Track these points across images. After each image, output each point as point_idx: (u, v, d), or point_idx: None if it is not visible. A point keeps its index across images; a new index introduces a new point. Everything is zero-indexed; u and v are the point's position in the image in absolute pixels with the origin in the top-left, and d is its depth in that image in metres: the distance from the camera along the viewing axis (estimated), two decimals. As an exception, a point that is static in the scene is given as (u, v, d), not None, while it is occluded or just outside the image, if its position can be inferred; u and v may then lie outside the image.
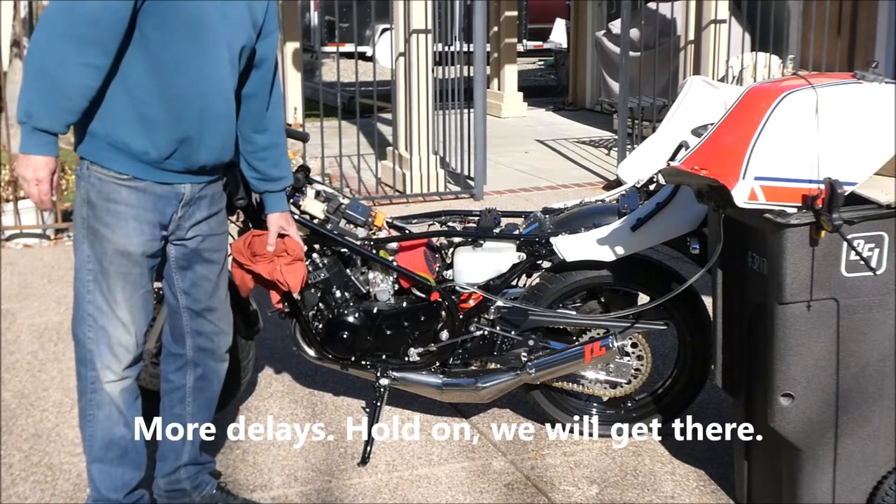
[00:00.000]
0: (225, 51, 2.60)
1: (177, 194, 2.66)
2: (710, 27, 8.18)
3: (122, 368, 2.70)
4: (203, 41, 2.53)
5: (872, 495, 2.68)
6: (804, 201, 2.48)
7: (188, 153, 2.61)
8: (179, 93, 2.53)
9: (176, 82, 2.53)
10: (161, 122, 2.54)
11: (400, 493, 3.19)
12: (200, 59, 2.54)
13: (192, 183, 2.69)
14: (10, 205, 6.26)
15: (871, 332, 2.59)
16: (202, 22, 2.52)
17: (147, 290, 2.70)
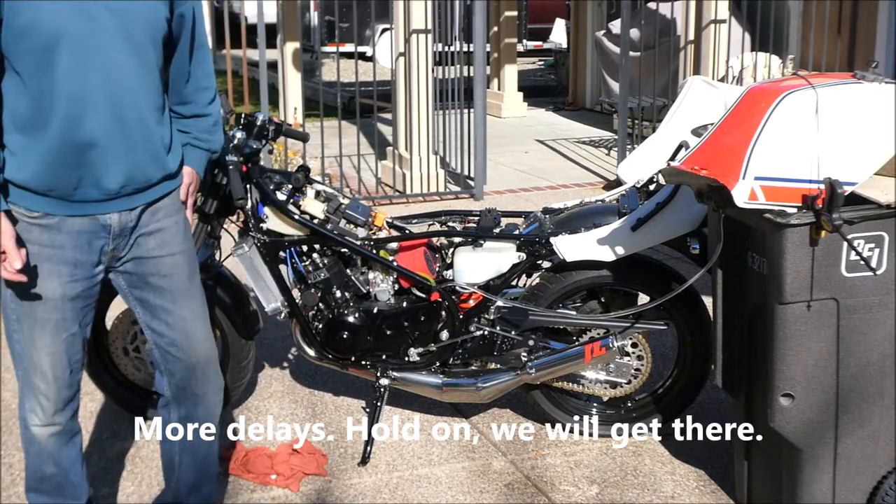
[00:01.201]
0: (123, 48, 2.30)
1: (103, 226, 2.39)
2: (710, 27, 8.18)
3: (46, 416, 2.49)
4: (81, 50, 2.24)
5: (872, 495, 2.68)
6: (804, 201, 2.48)
7: (96, 177, 2.32)
8: (65, 115, 2.26)
9: (56, 105, 2.25)
10: (53, 152, 2.28)
11: (400, 493, 3.19)
12: (82, 70, 2.25)
13: (119, 211, 2.40)
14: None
15: (871, 332, 2.59)
16: (67, 31, 2.22)
17: (72, 332, 2.44)
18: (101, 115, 2.29)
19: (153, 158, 2.43)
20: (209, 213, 3.38)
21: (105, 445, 3.51)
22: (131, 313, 3.56)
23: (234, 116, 3.44)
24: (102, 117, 2.29)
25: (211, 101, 2.64)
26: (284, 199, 3.34)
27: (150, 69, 2.38)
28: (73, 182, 2.32)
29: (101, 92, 2.28)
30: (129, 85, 2.33)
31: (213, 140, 2.68)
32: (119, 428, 3.64)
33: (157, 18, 2.39)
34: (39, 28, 2.20)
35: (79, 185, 2.33)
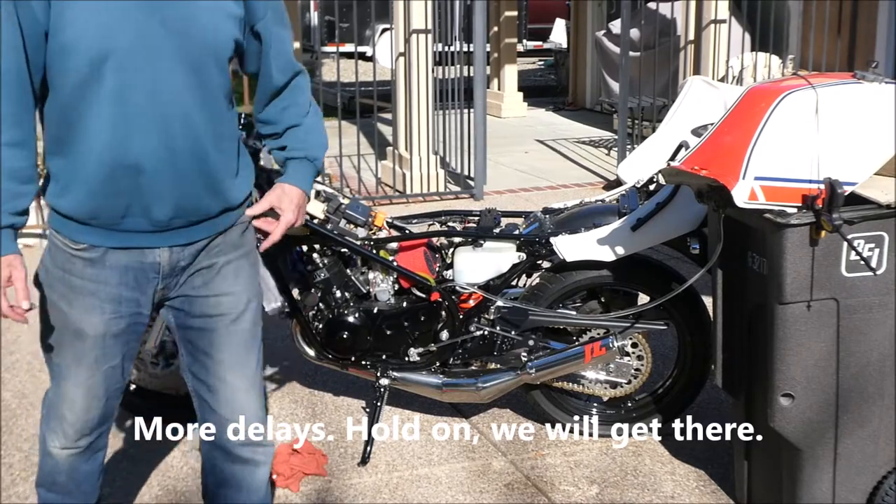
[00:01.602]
0: (178, 69, 2.08)
1: (152, 264, 2.19)
2: (710, 27, 8.18)
3: (68, 441, 2.34)
4: (128, 69, 2.04)
5: (872, 495, 2.68)
6: (804, 201, 2.48)
7: (144, 206, 2.12)
8: (108, 137, 2.07)
9: (98, 127, 2.06)
10: (95, 176, 2.09)
11: (400, 493, 3.19)
12: (128, 91, 2.05)
13: (170, 247, 2.19)
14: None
15: (871, 332, 2.59)
16: (114, 49, 2.03)
17: (112, 365, 2.26)
18: (148, 139, 2.08)
19: (209, 188, 2.18)
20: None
21: (105, 445, 3.51)
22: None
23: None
24: (149, 141, 2.08)
25: (305, 114, 2.43)
26: (284, 199, 3.34)
27: (209, 91, 2.15)
28: (119, 210, 2.12)
29: (148, 114, 2.07)
30: (182, 108, 2.10)
31: (312, 144, 2.42)
32: (119, 428, 3.64)
33: (221, 38, 2.17)
34: (85, 46, 2.02)
35: (126, 213, 2.12)
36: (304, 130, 2.41)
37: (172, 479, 3.28)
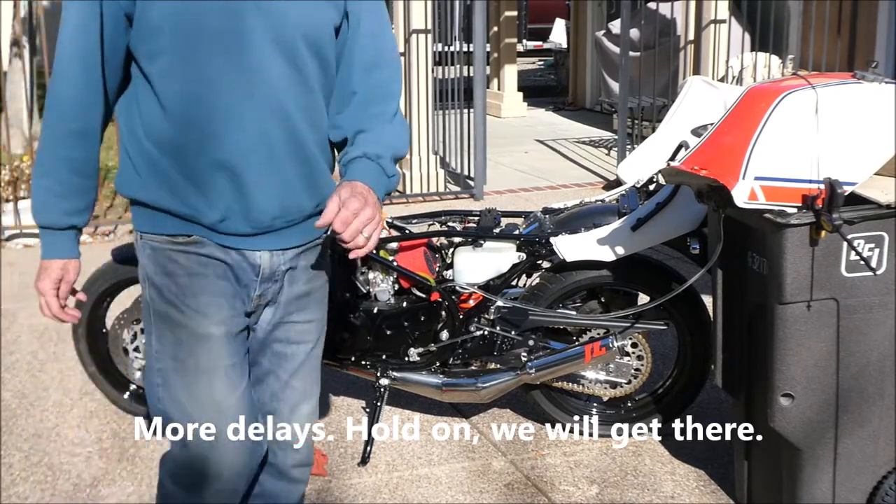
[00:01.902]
0: (273, 53, 1.89)
1: (252, 265, 2.00)
2: (710, 27, 8.18)
3: None
4: (223, 53, 1.87)
5: (872, 495, 2.68)
6: (804, 201, 2.48)
7: (244, 206, 1.93)
8: (204, 128, 1.89)
9: (192, 117, 1.89)
10: (192, 171, 1.92)
11: (400, 493, 3.19)
12: (223, 77, 1.88)
13: (270, 250, 2.01)
14: (10, 205, 6.26)
15: (871, 332, 2.59)
16: (207, 29, 1.85)
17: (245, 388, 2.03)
18: (247, 131, 1.90)
19: (307, 183, 2.00)
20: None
21: (105, 445, 3.51)
22: (131, 313, 3.58)
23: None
24: (249, 133, 1.90)
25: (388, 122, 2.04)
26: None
27: (306, 82, 1.95)
28: (217, 211, 1.93)
29: (247, 103, 1.89)
30: (280, 96, 1.91)
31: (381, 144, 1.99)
32: (119, 428, 3.64)
33: (319, 22, 1.95)
34: (176, 25, 1.84)
35: (225, 215, 1.94)
36: (376, 133, 2.01)
37: (172, 479, 3.28)
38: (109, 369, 3.68)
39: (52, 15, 8.15)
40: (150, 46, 1.87)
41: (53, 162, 1.94)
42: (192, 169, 1.91)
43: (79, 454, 3.45)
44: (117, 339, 3.61)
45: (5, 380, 4.09)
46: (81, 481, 3.27)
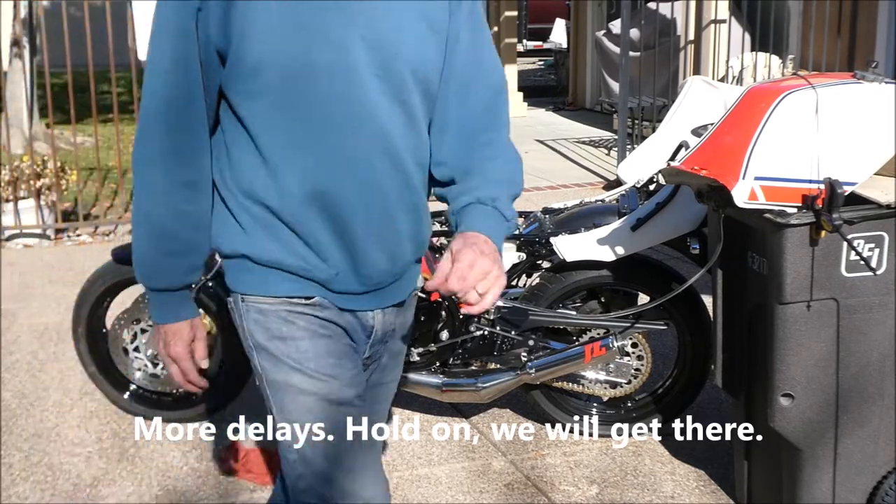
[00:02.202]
0: (379, 89, 1.68)
1: (364, 327, 1.83)
2: (710, 27, 8.18)
3: None
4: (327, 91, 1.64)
5: (872, 495, 2.68)
6: (804, 201, 2.48)
7: (355, 261, 1.74)
8: (308, 176, 1.68)
9: (295, 163, 1.68)
10: (296, 223, 1.70)
11: (400, 493, 3.19)
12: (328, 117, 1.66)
13: (382, 308, 1.83)
14: (10, 205, 6.26)
15: (871, 332, 2.59)
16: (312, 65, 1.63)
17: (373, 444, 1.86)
18: (357, 177, 1.69)
19: (414, 232, 1.81)
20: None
21: (105, 445, 3.52)
22: (131, 313, 3.58)
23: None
24: (358, 179, 1.70)
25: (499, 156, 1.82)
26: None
27: (414, 122, 1.74)
28: (330, 265, 1.73)
29: (356, 145, 1.68)
30: (389, 137, 1.70)
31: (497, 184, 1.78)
32: (119, 428, 3.64)
33: (428, 57, 1.75)
34: (276, 61, 1.62)
35: (338, 272, 1.74)
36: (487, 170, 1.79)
37: (172, 479, 3.28)
38: (109, 369, 3.68)
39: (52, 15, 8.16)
40: (247, 86, 1.65)
41: (168, 219, 1.72)
42: (297, 221, 1.70)
43: (79, 454, 3.45)
44: (117, 339, 3.61)
45: (5, 380, 4.09)
46: (81, 481, 3.27)
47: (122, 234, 6.49)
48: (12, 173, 6.26)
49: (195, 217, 1.74)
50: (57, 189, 6.33)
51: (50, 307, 5.03)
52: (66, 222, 6.46)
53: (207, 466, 3.35)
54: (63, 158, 7.06)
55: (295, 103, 1.66)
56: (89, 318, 3.65)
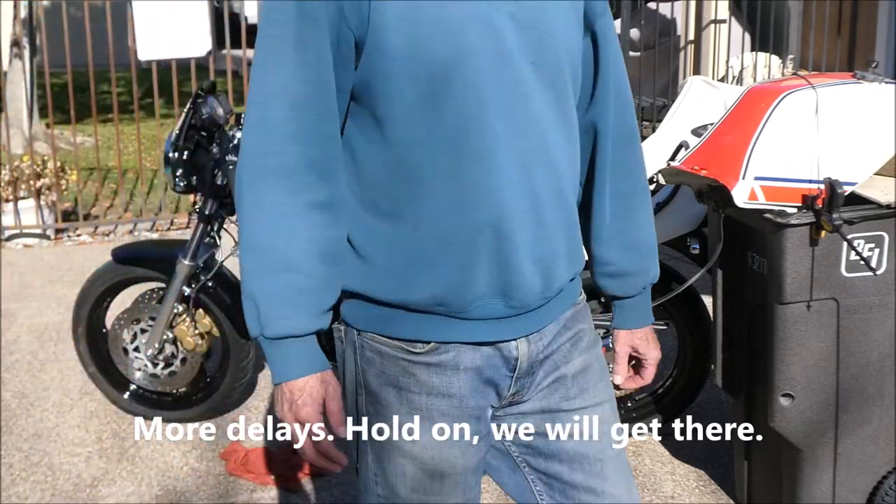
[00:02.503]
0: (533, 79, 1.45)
1: (506, 360, 1.55)
2: (710, 27, 8.18)
3: None
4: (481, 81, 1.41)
5: (872, 495, 2.68)
6: (804, 201, 2.48)
7: (504, 281, 1.47)
8: (457, 181, 1.43)
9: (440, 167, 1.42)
10: (440, 240, 1.45)
11: (400, 493, 3.19)
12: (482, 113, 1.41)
13: (527, 335, 1.56)
14: (10, 205, 6.26)
15: (871, 332, 2.59)
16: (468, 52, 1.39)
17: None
18: (514, 181, 1.44)
19: (569, 249, 1.57)
20: (209, 214, 3.38)
21: (105, 445, 3.51)
22: (131, 313, 3.58)
23: (234, 116, 3.45)
24: (515, 184, 1.45)
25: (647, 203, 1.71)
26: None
27: (569, 121, 1.54)
28: (474, 287, 1.46)
29: (512, 144, 1.44)
30: (546, 137, 1.48)
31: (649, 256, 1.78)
32: (119, 428, 3.64)
33: (577, 44, 1.54)
34: (429, 49, 1.38)
35: (482, 294, 1.47)
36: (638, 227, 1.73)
37: (172, 479, 3.28)
38: (109, 369, 3.68)
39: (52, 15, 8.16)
40: (390, 80, 1.40)
41: (296, 249, 1.42)
42: (440, 233, 1.44)
43: (79, 454, 3.45)
44: (117, 339, 3.61)
45: (5, 380, 4.09)
46: (81, 481, 3.27)
47: (122, 234, 6.50)
48: (12, 173, 6.26)
49: (329, 246, 1.44)
50: (57, 189, 6.33)
51: (50, 307, 5.03)
52: (66, 222, 6.46)
53: (207, 466, 3.35)
54: (63, 158, 7.06)
55: (442, 99, 1.40)
56: (89, 318, 3.66)
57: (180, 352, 3.55)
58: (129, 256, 3.63)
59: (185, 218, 6.70)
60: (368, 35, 1.38)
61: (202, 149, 3.37)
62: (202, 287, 3.45)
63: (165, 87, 7.57)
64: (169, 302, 3.45)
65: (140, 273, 3.60)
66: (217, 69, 6.72)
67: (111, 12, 6.25)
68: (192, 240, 3.42)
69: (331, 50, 1.40)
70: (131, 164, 8.10)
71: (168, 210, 6.85)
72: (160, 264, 3.53)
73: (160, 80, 6.56)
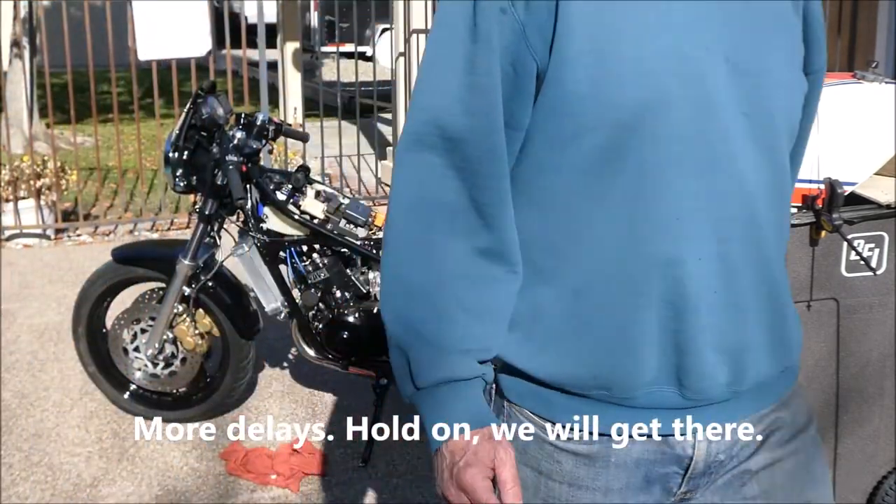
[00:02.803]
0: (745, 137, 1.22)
1: (677, 457, 1.31)
2: (710, 27, 8.18)
3: None
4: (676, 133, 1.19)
5: (872, 495, 2.68)
6: (804, 201, 2.48)
7: (683, 364, 1.25)
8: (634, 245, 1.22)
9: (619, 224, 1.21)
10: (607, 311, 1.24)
11: (400, 494, 3.19)
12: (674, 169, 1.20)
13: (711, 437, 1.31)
14: (9, 205, 6.26)
15: (871, 332, 2.59)
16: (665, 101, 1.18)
17: None
18: (705, 254, 1.22)
19: (771, 332, 1.31)
20: (209, 214, 3.38)
21: (105, 445, 3.51)
22: (131, 313, 3.58)
23: (234, 116, 3.45)
24: (706, 258, 1.22)
25: None
26: (284, 199, 3.34)
27: (780, 177, 1.30)
28: (643, 370, 1.25)
29: (705, 215, 1.21)
30: (749, 204, 1.24)
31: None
32: (119, 428, 3.64)
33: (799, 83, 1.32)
34: (618, 92, 1.17)
35: (652, 379, 1.26)
36: None
37: (172, 479, 3.28)
38: (109, 369, 3.68)
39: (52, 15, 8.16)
40: (565, 123, 1.20)
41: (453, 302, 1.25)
42: (606, 304, 1.24)
43: (79, 454, 3.45)
44: (117, 338, 3.61)
45: (5, 380, 4.09)
46: (81, 481, 3.27)
47: (122, 234, 6.50)
48: (12, 173, 6.26)
49: (490, 299, 1.26)
50: (57, 189, 6.33)
51: (50, 307, 5.03)
52: (66, 222, 6.46)
53: (207, 466, 3.35)
54: (63, 158, 7.06)
55: (623, 152, 1.19)
56: (89, 318, 3.66)
57: (180, 352, 3.55)
58: (129, 256, 3.63)
59: (185, 218, 6.70)
60: (550, 66, 1.18)
61: (202, 149, 3.37)
62: (202, 287, 3.45)
63: (165, 87, 7.57)
64: (169, 302, 3.45)
65: (140, 273, 3.60)
66: (217, 69, 6.72)
67: (111, 12, 6.25)
68: (192, 240, 3.42)
69: (501, 79, 1.20)
70: (131, 164, 8.10)
71: (168, 210, 6.85)
72: (160, 264, 3.53)
73: (160, 80, 6.56)
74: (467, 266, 1.24)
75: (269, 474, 3.25)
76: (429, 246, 1.24)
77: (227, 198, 3.30)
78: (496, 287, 1.26)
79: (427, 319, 1.24)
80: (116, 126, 6.87)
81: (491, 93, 1.20)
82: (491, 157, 1.22)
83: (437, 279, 1.24)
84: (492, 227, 1.24)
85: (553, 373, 1.27)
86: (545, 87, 1.19)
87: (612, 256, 1.22)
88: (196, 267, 3.42)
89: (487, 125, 1.21)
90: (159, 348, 3.53)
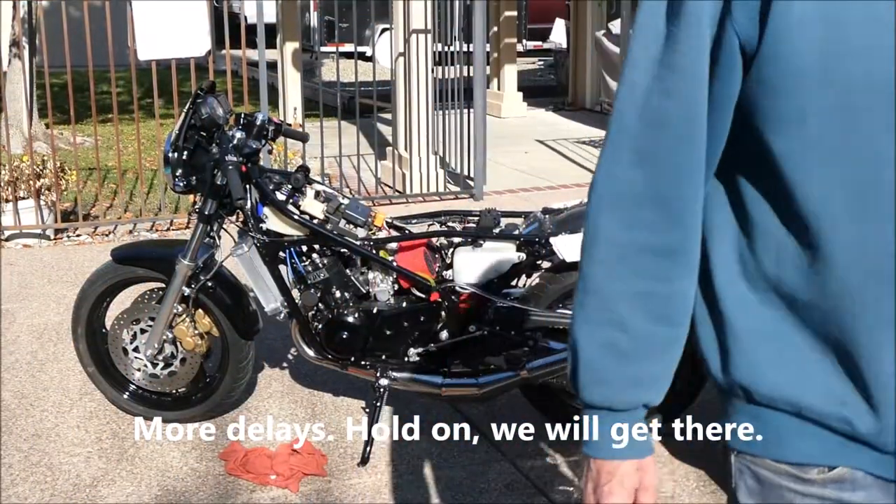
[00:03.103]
0: None
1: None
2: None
3: None
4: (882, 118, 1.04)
5: (872, 495, 2.68)
6: None
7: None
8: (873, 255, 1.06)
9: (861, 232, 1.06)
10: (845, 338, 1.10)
11: (400, 493, 3.19)
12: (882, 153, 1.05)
13: None
14: (10, 205, 6.26)
15: None
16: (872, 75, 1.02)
17: None
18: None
19: None
20: (209, 214, 3.38)
21: (105, 446, 3.51)
22: (131, 313, 3.58)
23: (233, 116, 3.45)
24: None
25: None
26: (284, 199, 3.34)
27: None
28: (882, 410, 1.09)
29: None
30: None
31: None
32: (119, 428, 3.64)
33: None
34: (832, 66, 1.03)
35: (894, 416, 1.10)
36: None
37: (172, 480, 3.28)
38: (109, 369, 3.68)
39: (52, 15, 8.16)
40: (783, 104, 1.05)
41: (615, 300, 1.18)
42: (845, 327, 1.09)
43: (78, 454, 3.45)
44: (117, 339, 3.61)
45: (5, 380, 4.09)
46: (81, 481, 3.27)
47: (122, 234, 6.50)
48: (12, 173, 6.26)
49: (664, 303, 1.17)
50: (56, 189, 6.33)
51: (50, 307, 5.03)
52: (65, 222, 6.46)
53: (207, 466, 3.35)
54: (63, 158, 7.05)
55: (850, 136, 1.04)
56: (89, 318, 3.65)
57: (180, 352, 3.55)
58: (129, 256, 3.63)
59: (185, 218, 6.70)
60: (766, 40, 1.04)
61: (202, 149, 3.37)
62: (202, 287, 3.45)
63: (165, 88, 7.57)
64: (168, 302, 3.45)
65: (140, 273, 3.60)
66: (217, 69, 6.72)
67: (111, 12, 6.25)
68: (191, 240, 3.42)
69: (708, 54, 1.08)
70: (131, 164, 8.10)
71: (168, 210, 6.85)
72: (160, 264, 3.53)
73: (160, 81, 6.56)
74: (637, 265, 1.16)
75: (269, 474, 3.25)
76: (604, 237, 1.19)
77: (227, 198, 3.30)
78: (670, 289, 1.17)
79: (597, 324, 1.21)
80: (116, 126, 6.87)
81: (696, 73, 1.08)
82: (685, 145, 1.11)
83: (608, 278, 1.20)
84: (675, 225, 1.14)
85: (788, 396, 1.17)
86: (762, 64, 1.05)
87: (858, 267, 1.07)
88: (195, 267, 3.43)
89: (685, 109, 1.10)
90: (159, 348, 3.53)
